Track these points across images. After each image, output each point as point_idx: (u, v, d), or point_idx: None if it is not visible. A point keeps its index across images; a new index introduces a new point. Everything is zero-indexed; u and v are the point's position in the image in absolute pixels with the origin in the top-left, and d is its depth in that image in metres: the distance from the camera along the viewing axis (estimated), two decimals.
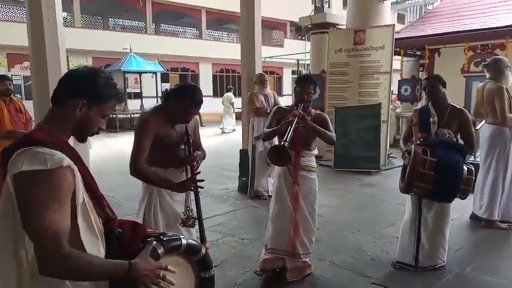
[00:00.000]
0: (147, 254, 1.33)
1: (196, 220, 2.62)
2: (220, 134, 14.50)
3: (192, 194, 2.61)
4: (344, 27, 8.83)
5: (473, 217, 4.59)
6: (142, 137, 2.45)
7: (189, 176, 2.57)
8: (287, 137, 2.75)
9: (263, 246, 3.32)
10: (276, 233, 3.17)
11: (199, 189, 2.56)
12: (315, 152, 3.32)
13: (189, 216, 2.59)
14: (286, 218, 3.12)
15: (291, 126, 2.83)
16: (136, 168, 2.43)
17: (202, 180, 2.54)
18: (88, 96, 1.33)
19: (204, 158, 2.71)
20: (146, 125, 2.47)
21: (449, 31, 8.88)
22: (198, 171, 2.57)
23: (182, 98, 2.47)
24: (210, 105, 19.13)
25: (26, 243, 1.20)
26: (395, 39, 7.67)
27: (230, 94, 15.47)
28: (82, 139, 1.42)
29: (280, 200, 3.16)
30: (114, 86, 1.41)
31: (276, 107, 3.39)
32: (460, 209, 4.48)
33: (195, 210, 2.63)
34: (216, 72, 22.35)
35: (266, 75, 5.99)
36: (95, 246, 1.31)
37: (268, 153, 2.98)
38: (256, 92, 5.73)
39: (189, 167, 2.58)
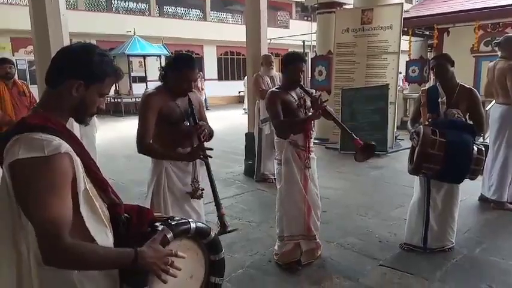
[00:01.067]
0: (155, 243, 1.29)
1: (203, 190, 2.66)
2: (231, 117, 14.30)
3: (200, 170, 2.63)
4: (351, 6, 8.65)
5: (482, 198, 4.55)
6: (146, 114, 2.47)
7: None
8: (347, 129, 2.84)
9: (270, 229, 3.29)
10: (291, 218, 3.12)
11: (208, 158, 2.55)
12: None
13: (196, 188, 2.62)
14: (300, 201, 3.10)
15: (333, 116, 2.84)
16: (143, 144, 2.46)
17: (211, 149, 2.53)
18: (84, 75, 1.25)
19: (211, 135, 2.66)
20: (149, 102, 2.49)
21: (459, 9, 8.69)
22: (205, 138, 2.54)
23: (176, 66, 2.51)
24: (215, 89, 19.14)
25: (28, 231, 1.16)
26: (403, 18, 7.50)
27: None
28: (81, 121, 1.36)
29: (292, 185, 3.10)
30: (110, 62, 1.34)
31: (270, 93, 3.11)
32: (469, 191, 4.43)
33: (202, 182, 2.66)
34: (221, 54, 22.12)
35: (272, 57, 5.90)
36: (102, 234, 1.27)
37: (356, 156, 2.89)
38: (262, 74, 5.64)
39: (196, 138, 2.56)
